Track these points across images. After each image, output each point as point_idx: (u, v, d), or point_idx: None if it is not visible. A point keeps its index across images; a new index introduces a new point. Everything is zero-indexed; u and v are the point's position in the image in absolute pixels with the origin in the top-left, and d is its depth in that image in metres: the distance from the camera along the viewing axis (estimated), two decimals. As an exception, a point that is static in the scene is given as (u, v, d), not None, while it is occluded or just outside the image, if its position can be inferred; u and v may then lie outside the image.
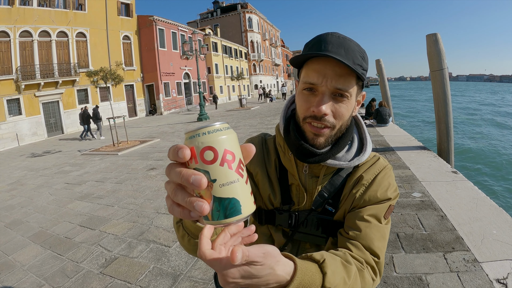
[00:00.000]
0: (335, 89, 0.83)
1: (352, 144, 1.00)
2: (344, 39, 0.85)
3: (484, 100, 53.00)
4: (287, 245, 1.02)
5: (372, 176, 0.97)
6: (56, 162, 11.05)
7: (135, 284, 3.11)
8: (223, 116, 21.86)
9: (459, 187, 4.75)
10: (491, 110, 34.07)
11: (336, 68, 0.82)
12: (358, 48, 0.86)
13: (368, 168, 0.99)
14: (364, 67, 0.86)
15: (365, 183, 0.96)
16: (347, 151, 0.97)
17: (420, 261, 2.97)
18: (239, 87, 48.45)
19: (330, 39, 0.84)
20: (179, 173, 0.46)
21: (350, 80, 0.84)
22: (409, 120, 27.83)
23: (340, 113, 0.86)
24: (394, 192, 0.97)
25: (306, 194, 1.00)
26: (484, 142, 16.19)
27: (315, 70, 0.84)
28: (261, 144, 1.10)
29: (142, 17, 30.40)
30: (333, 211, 0.98)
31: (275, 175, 1.05)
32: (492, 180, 10.48)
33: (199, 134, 0.48)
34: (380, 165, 0.99)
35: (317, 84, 0.84)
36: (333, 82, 0.82)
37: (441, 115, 7.25)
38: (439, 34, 7.10)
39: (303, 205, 1.00)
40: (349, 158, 0.96)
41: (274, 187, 1.04)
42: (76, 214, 5.33)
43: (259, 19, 60.71)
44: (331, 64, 0.82)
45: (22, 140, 19.57)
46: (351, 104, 0.88)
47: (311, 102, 0.86)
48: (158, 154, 10.26)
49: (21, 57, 20.06)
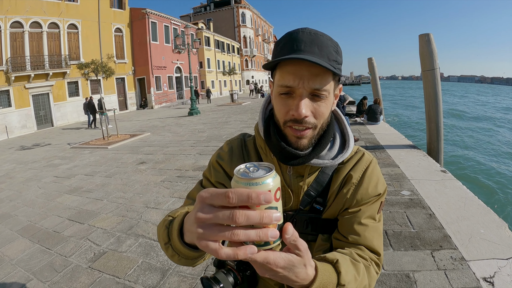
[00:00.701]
0: (313, 90, 0.81)
1: (334, 141, 0.99)
2: (316, 35, 0.83)
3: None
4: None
5: (360, 173, 0.98)
6: (46, 155, 10.94)
7: (123, 278, 3.10)
8: (214, 111, 21.78)
9: (447, 186, 4.80)
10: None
11: (312, 69, 0.79)
12: (331, 43, 0.84)
13: (355, 165, 0.99)
14: (339, 61, 0.85)
15: (354, 181, 0.97)
16: (330, 148, 0.96)
17: (408, 258, 3.00)
18: (231, 82, 48.38)
19: (302, 37, 0.82)
20: (255, 215, 0.48)
21: (327, 78, 0.82)
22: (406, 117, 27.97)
23: (320, 112, 0.85)
24: (383, 186, 0.99)
25: (293, 195, 0.99)
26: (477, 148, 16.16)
27: (290, 73, 0.81)
28: (240, 147, 1.09)
29: (134, 10, 30.09)
30: (321, 209, 0.98)
31: None
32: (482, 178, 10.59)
33: (274, 177, 0.53)
34: (366, 161, 1.00)
35: (293, 86, 0.81)
36: (310, 83, 0.80)
37: (431, 114, 7.31)
38: (432, 35, 7.15)
39: (290, 205, 1.00)
40: (332, 156, 0.95)
41: None
42: (65, 208, 5.29)
43: (253, 14, 60.57)
44: (306, 65, 0.79)
45: (11, 133, 19.29)
46: (330, 101, 0.87)
47: (290, 105, 0.84)
48: (148, 148, 10.22)
49: (12, 48, 19.73)
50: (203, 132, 12.69)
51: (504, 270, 2.69)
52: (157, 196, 5.46)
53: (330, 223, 1.00)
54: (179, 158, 8.31)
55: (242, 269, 1.03)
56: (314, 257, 0.79)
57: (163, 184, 6.13)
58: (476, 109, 37.75)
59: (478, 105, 42.89)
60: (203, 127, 14.22)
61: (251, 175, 0.53)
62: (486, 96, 68.95)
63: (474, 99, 58.52)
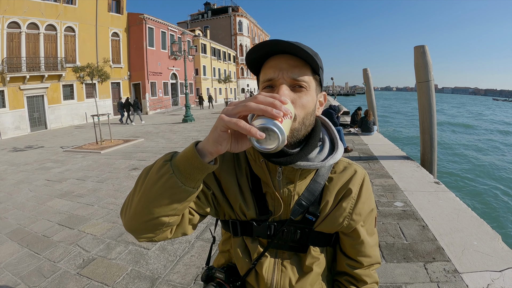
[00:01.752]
0: (292, 80, 0.84)
1: (324, 145, 0.98)
2: (295, 42, 0.84)
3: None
4: (264, 255, 0.99)
5: (358, 188, 0.99)
6: (38, 158, 10.84)
7: (112, 286, 3.04)
8: (208, 119, 21.78)
9: (441, 198, 4.80)
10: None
11: (290, 61, 0.85)
12: (310, 49, 0.85)
13: (352, 179, 0.99)
14: (318, 62, 0.85)
15: (354, 196, 0.98)
16: (320, 152, 0.95)
17: (401, 270, 2.98)
18: (226, 90, 48.44)
19: (281, 41, 0.83)
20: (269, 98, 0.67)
21: (305, 71, 0.86)
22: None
23: (301, 104, 0.85)
24: (373, 199, 1.05)
25: (282, 203, 0.97)
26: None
27: (270, 66, 0.86)
28: (231, 154, 1.06)
29: (132, 15, 30.10)
30: (313, 219, 0.96)
31: (247, 185, 1.01)
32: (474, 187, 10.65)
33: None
34: (360, 175, 1.02)
35: (274, 78, 0.85)
36: (289, 73, 0.84)
37: (425, 126, 7.33)
38: (427, 46, 7.20)
39: (279, 214, 0.98)
40: (322, 158, 0.94)
41: (246, 197, 1.00)
42: (55, 212, 5.22)
43: (249, 23, 60.94)
44: (285, 58, 0.85)
45: (4, 134, 19.13)
46: (312, 97, 0.88)
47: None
48: (141, 154, 10.17)
49: (8, 48, 19.63)
50: (196, 139, 12.55)
51: (498, 282, 2.68)
52: (149, 202, 5.39)
53: (323, 236, 0.99)
54: (173, 164, 8.23)
55: (232, 280, 1.01)
56: (304, 269, 0.93)
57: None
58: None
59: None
60: (197, 134, 14.21)
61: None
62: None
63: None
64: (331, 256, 1.07)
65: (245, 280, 1.01)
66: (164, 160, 0.77)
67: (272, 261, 0.99)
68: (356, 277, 1.01)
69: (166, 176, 0.74)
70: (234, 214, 1.02)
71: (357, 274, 1.01)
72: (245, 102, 0.67)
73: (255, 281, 0.99)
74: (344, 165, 1.02)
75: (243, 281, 1.01)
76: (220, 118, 0.67)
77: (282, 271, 0.97)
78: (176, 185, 0.74)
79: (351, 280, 1.02)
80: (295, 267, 0.98)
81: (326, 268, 1.02)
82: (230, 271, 1.03)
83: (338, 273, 1.07)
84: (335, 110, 10.11)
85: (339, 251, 1.06)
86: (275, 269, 0.97)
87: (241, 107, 0.67)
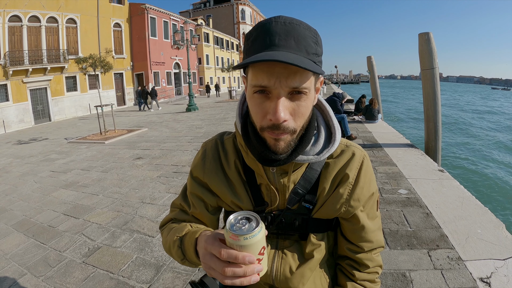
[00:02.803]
0: (292, 89, 0.72)
1: (319, 134, 0.92)
2: (292, 24, 0.73)
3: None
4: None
5: (356, 172, 0.94)
6: (42, 150, 10.89)
7: (117, 274, 3.07)
8: (212, 108, 21.73)
9: (445, 186, 4.78)
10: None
11: (289, 65, 0.69)
12: (309, 33, 0.75)
13: (349, 163, 0.94)
14: (318, 53, 0.76)
15: (351, 181, 0.93)
16: (314, 143, 0.90)
17: (404, 257, 2.98)
18: (230, 79, 48.28)
19: (276, 29, 0.72)
20: (240, 271, 0.64)
21: (307, 75, 0.73)
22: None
23: (300, 114, 0.76)
24: (375, 183, 1.00)
25: (278, 194, 0.94)
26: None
27: (263, 71, 0.72)
28: (215, 148, 1.02)
29: (134, 5, 30.00)
30: (310, 207, 0.94)
31: (238, 178, 0.97)
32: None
33: (260, 230, 0.66)
34: (359, 158, 0.96)
35: (269, 86, 0.72)
36: (288, 82, 0.71)
37: (430, 113, 7.29)
38: (432, 33, 7.12)
39: (276, 204, 0.95)
40: (317, 151, 0.89)
41: (238, 191, 0.97)
42: (60, 203, 5.26)
43: (252, 11, 60.54)
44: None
45: (8, 127, 19.23)
46: (311, 98, 0.78)
47: (266, 108, 0.75)
48: (145, 143, 10.19)
49: (10, 42, 19.62)
50: (200, 128, 12.67)
51: (501, 270, 2.67)
52: (153, 191, 5.43)
53: (322, 222, 0.98)
54: (176, 154, 8.28)
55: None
56: (305, 256, 0.97)
57: (159, 179, 6.11)
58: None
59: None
60: (200, 123, 14.19)
61: (239, 232, 0.64)
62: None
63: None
64: (333, 240, 1.06)
65: None
66: (181, 259, 0.92)
67: (272, 250, 0.98)
68: (358, 261, 1.00)
69: (194, 266, 0.92)
70: (229, 207, 1.01)
71: (359, 258, 0.99)
72: (218, 272, 0.67)
73: None
74: (341, 148, 0.97)
75: None
76: (204, 265, 0.72)
77: (282, 258, 0.97)
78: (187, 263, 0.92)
79: (353, 264, 1.01)
80: (296, 254, 0.98)
81: (327, 253, 1.01)
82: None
83: (340, 257, 1.06)
84: (339, 97, 10.06)
85: (340, 235, 1.04)
86: (275, 257, 0.97)
87: (217, 275, 0.67)
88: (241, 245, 0.63)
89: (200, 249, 0.74)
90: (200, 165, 1.02)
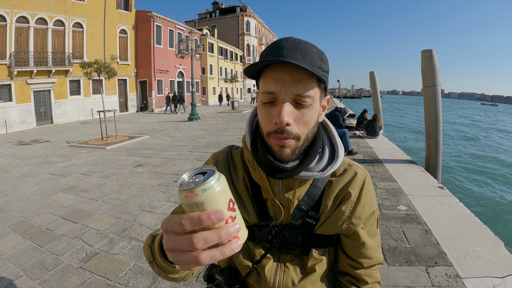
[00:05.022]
0: (296, 96, 0.79)
1: (324, 152, 0.97)
2: (300, 42, 0.82)
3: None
4: (266, 257, 1.00)
5: (358, 191, 0.98)
6: (43, 152, 10.90)
7: (114, 281, 3.06)
8: (213, 118, 21.80)
9: (444, 203, 4.79)
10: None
11: (294, 74, 0.78)
12: (315, 50, 0.83)
13: (351, 182, 0.98)
14: (324, 68, 0.83)
15: (353, 199, 0.97)
16: (319, 160, 0.95)
17: (403, 274, 2.98)
18: (232, 90, 48.47)
19: (285, 45, 0.81)
20: (213, 236, 0.49)
21: (311, 84, 0.80)
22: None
23: (304, 122, 0.83)
24: (375, 201, 1.03)
25: (283, 208, 0.97)
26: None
27: (272, 78, 0.81)
28: (226, 161, 1.07)
29: (140, 12, 30.20)
30: (313, 223, 0.97)
31: (246, 192, 1.01)
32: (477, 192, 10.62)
33: (217, 178, 0.52)
34: (361, 177, 1.00)
35: (275, 92, 0.80)
36: (292, 89, 0.78)
37: (431, 130, 7.31)
38: (434, 51, 7.17)
39: (280, 219, 0.98)
40: (321, 168, 0.94)
41: (246, 205, 1.01)
42: (59, 206, 5.26)
43: (257, 23, 60.94)
44: (288, 70, 0.79)
45: (10, 127, 19.25)
46: (315, 110, 0.85)
47: (273, 114, 0.82)
48: (146, 151, 10.20)
49: (16, 42, 19.74)
50: (202, 138, 12.68)
51: (499, 289, 2.67)
52: (152, 199, 5.43)
53: (324, 238, 1.01)
54: (177, 162, 8.29)
55: (231, 283, 1.02)
56: (307, 270, 0.97)
57: (159, 187, 6.11)
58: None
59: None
60: (202, 133, 14.23)
61: (194, 185, 0.49)
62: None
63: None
64: (333, 256, 1.08)
65: (246, 281, 1.02)
66: (150, 262, 0.83)
67: (275, 263, 1.00)
68: (357, 277, 1.02)
69: (163, 274, 0.82)
70: None
71: (358, 274, 1.01)
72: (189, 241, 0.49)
73: (256, 282, 1.00)
74: (344, 167, 1.01)
75: (243, 282, 1.02)
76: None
77: (284, 271, 0.99)
78: (176, 279, 0.86)
79: (352, 280, 1.03)
80: (298, 267, 0.99)
81: (327, 268, 1.03)
82: (229, 273, 1.04)
83: (340, 273, 1.08)
84: (340, 112, 10.08)
85: (340, 251, 1.06)
86: (277, 270, 0.99)
87: (189, 257, 0.51)
88: (201, 201, 0.49)
89: (163, 239, 0.56)
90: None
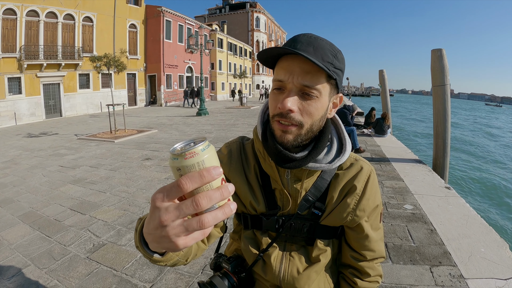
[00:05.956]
0: (302, 86, 0.83)
1: (332, 146, 1.00)
2: (316, 38, 0.85)
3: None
4: (272, 246, 1.03)
5: (363, 185, 1.00)
6: (52, 144, 11.02)
7: (121, 271, 3.11)
8: (222, 113, 21.80)
9: (451, 203, 4.77)
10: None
11: (303, 65, 0.82)
12: (329, 47, 0.85)
13: (357, 175, 1.01)
14: (336, 65, 0.85)
15: (358, 192, 0.99)
16: (327, 153, 0.98)
17: (406, 272, 2.98)
18: (241, 85, 48.45)
19: (301, 39, 0.85)
20: (216, 193, 0.45)
21: (319, 77, 0.83)
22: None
23: (308, 112, 0.85)
24: (380, 196, 1.06)
25: (291, 198, 1.00)
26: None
27: (283, 68, 0.85)
28: (239, 150, 1.10)
29: (150, 7, 30.29)
30: (319, 214, 1.00)
31: (256, 181, 1.04)
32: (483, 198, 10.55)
33: (207, 146, 0.49)
34: (366, 171, 1.02)
35: (284, 80, 0.84)
36: (299, 79, 0.82)
37: (439, 130, 7.26)
38: (444, 50, 7.11)
39: (288, 209, 1.01)
40: (329, 160, 0.96)
41: (256, 193, 1.04)
42: (67, 198, 5.32)
43: (267, 19, 60.74)
44: (299, 61, 0.82)
45: (19, 120, 19.48)
46: (322, 103, 0.87)
47: (279, 99, 0.86)
48: (155, 145, 10.25)
49: (26, 36, 19.92)
50: (210, 133, 12.72)
51: (503, 290, 2.67)
52: (159, 192, 5.44)
53: (329, 229, 1.03)
54: (184, 156, 8.28)
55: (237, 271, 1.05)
56: (312, 260, 1.01)
57: (167, 181, 6.15)
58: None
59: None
60: (210, 128, 14.27)
61: (194, 147, 0.47)
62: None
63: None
64: (337, 248, 1.10)
65: (252, 269, 1.06)
66: (136, 247, 0.76)
67: (280, 252, 1.03)
68: (360, 270, 1.04)
69: (151, 261, 0.73)
70: (245, 209, 1.06)
71: (361, 267, 1.04)
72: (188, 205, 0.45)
73: (262, 270, 1.03)
74: (350, 161, 1.04)
75: (250, 270, 1.05)
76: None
77: (290, 260, 1.02)
78: (162, 264, 0.78)
79: (355, 272, 1.05)
80: (303, 257, 1.02)
81: (331, 259, 1.06)
82: (236, 262, 1.07)
83: (343, 265, 1.10)
84: (349, 110, 10.06)
85: (344, 243, 1.09)
86: (283, 259, 1.02)
87: (192, 224, 0.45)
88: (202, 159, 0.47)
89: (149, 224, 0.49)
90: (226, 161, 1.08)
